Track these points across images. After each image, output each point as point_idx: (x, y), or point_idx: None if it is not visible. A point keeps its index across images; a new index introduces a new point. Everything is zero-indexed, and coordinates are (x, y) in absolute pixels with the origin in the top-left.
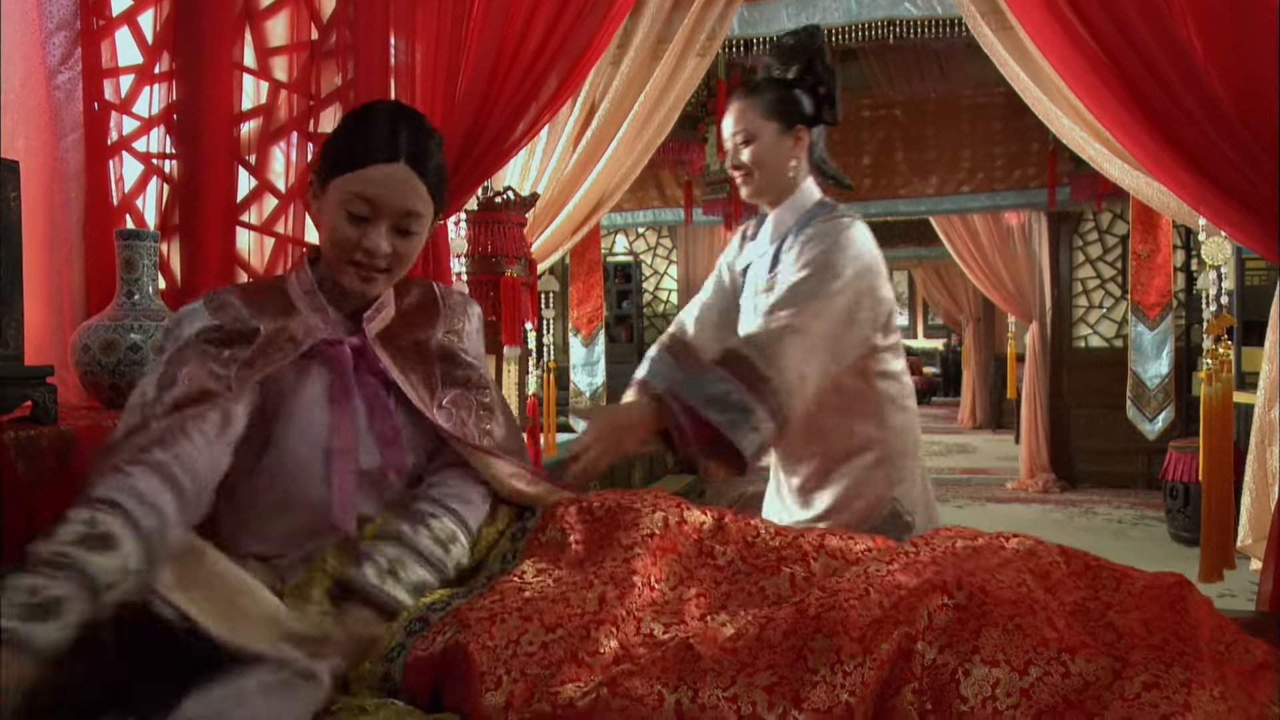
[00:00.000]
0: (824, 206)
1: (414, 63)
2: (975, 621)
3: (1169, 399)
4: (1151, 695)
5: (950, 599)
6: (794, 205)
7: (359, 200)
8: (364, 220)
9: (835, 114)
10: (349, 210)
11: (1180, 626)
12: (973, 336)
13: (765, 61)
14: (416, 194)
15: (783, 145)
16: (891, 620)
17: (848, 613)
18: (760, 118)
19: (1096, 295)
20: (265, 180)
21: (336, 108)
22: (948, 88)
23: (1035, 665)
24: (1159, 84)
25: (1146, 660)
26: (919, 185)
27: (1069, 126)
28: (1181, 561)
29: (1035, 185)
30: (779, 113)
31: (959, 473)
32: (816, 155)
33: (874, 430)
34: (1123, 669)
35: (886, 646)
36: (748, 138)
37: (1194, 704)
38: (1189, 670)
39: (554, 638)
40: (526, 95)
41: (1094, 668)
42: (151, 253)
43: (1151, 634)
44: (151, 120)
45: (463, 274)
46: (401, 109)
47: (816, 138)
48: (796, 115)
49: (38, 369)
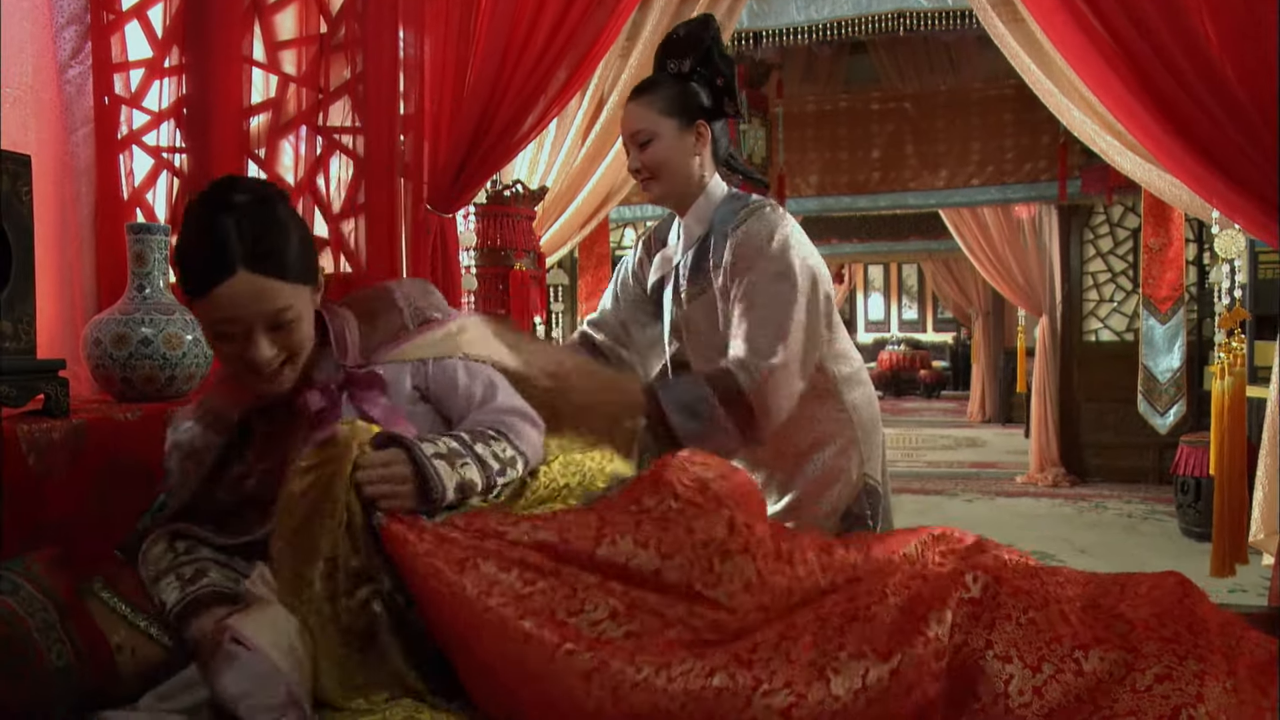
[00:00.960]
0: (737, 199)
1: (422, 56)
2: (989, 614)
3: (1180, 393)
4: (1164, 687)
5: (966, 592)
6: (702, 209)
7: (222, 323)
8: (235, 337)
9: (737, 105)
10: (219, 333)
11: (1191, 620)
12: (982, 330)
13: (659, 57)
14: (272, 292)
15: (684, 143)
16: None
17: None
18: (657, 115)
19: (1107, 289)
20: (274, 174)
21: (345, 101)
22: (958, 80)
23: (1048, 662)
24: (1171, 74)
25: (1160, 652)
26: (929, 178)
27: (1080, 119)
28: (1192, 556)
29: (1046, 178)
30: (676, 109)
31: (968, 466)
32: (723, 151)
33: (836, 412)
34: (1135, 660)
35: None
36: (646, 138)
37: (1207, 695)
38: (1202, 663)
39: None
40: (535, 88)
41: (1107, 664)
42: (162, 246)
43: (1164, 626)
44: (162, 114)
45: (471, 267)
46: (220, 201)
47: (720, 133)
48: (695, 110)
49: (50, 362)
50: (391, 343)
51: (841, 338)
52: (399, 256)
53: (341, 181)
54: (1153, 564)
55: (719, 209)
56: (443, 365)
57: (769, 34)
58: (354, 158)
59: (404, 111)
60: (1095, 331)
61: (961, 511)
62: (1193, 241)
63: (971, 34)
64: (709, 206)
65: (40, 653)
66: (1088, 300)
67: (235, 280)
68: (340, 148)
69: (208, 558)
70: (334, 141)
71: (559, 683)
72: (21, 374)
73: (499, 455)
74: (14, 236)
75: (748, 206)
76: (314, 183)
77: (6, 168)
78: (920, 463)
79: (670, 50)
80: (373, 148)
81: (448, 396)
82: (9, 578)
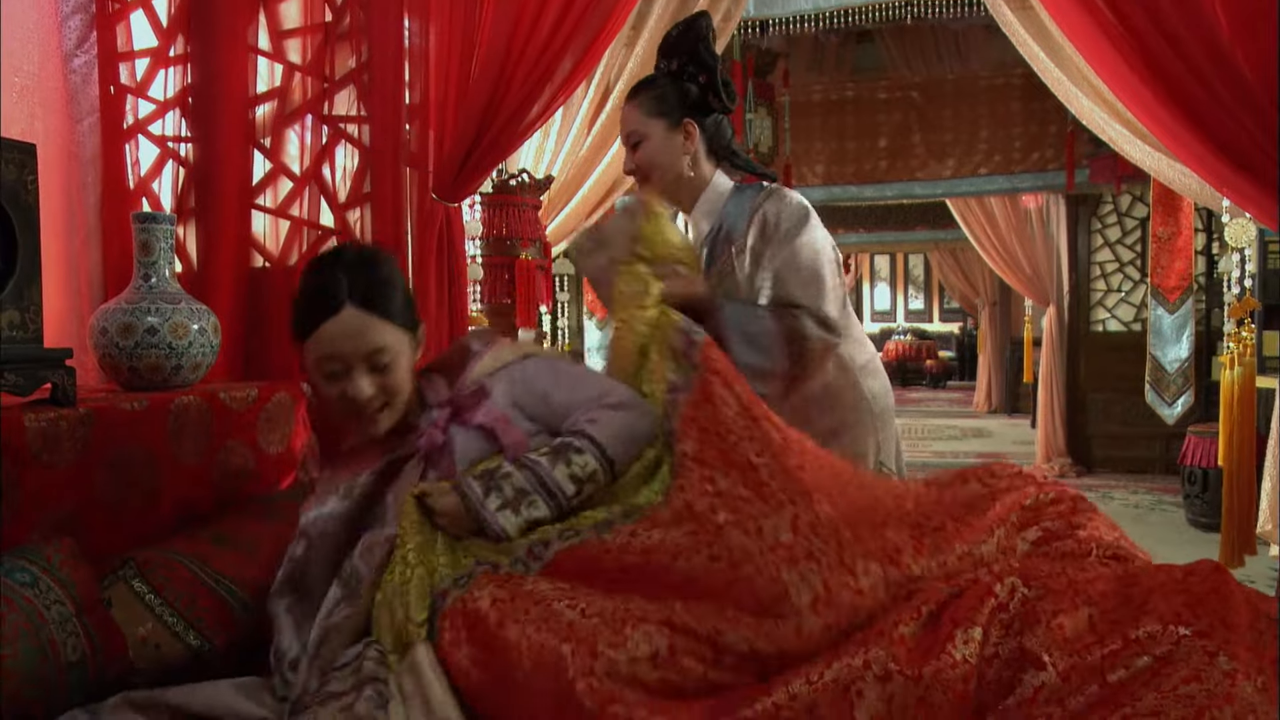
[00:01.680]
0: (748, 188)
1: (427, 45)
2: (1019, 622)
3: (1188, 383)
4: (1191, 688)
5: (995, 599)
6: (710, 203)
7: (326, 360)
8: (339, 376)
9: (725, 101)
10: (324, 371)
11: (1225, 612)
12: (988, 320)
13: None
14: (374, 331)
15: (672, 142)
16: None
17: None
18: (645, 117)
19: (1115, 279)
20: (280, 163)
21: (351, 90)
22: (965, 69)
23: (1076, 672)
24: (1182, 59)
25: (1189, 652)
26: (936, 168)
27: (1089, 107)
28: (1199, 547)
29: (1054, 168)
30: (664, 109)
31: (974, 457)
32: (722, 144)
33: (855, 399)
34: (1162, 666)
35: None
36: (637, 139)
37: (1237, 694)
38: (1235, 660)
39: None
40: (541, 77)
41: (1133, 671)
42: (168, 236)
43: (1198, 618)
44: (167, 103)
45: (477, 257)
46: (334, 255)
47: (714, 127)
48: (683, 108)
49: (57, 351)
50: (463, 369)
51: (855, 324)
52: (405, 246)
53: (347, 171)
54: (1160, 554)
55: (729, 202)
56: (525, 375)
57: (775, 22)
58: (359, 147)
59: (409, 100)
60: (1102, 321)
61: None
62: (1201, 231)
63: (979, 22)
64: (716, 200)
65: (55, 646)
66: (1095, 290)
67: (341, 316)
68: (346, 137)
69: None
70: (339, 130)
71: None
72: (29, 363)
73: (577, 474)
74: (20, 226)
75: (763, 190)
76: (319, 172)
77: (13, 157)
78: (926, 453)
79: (663, 49)
80: (378, 137)
81: (537, 407)
82: (28, 570)
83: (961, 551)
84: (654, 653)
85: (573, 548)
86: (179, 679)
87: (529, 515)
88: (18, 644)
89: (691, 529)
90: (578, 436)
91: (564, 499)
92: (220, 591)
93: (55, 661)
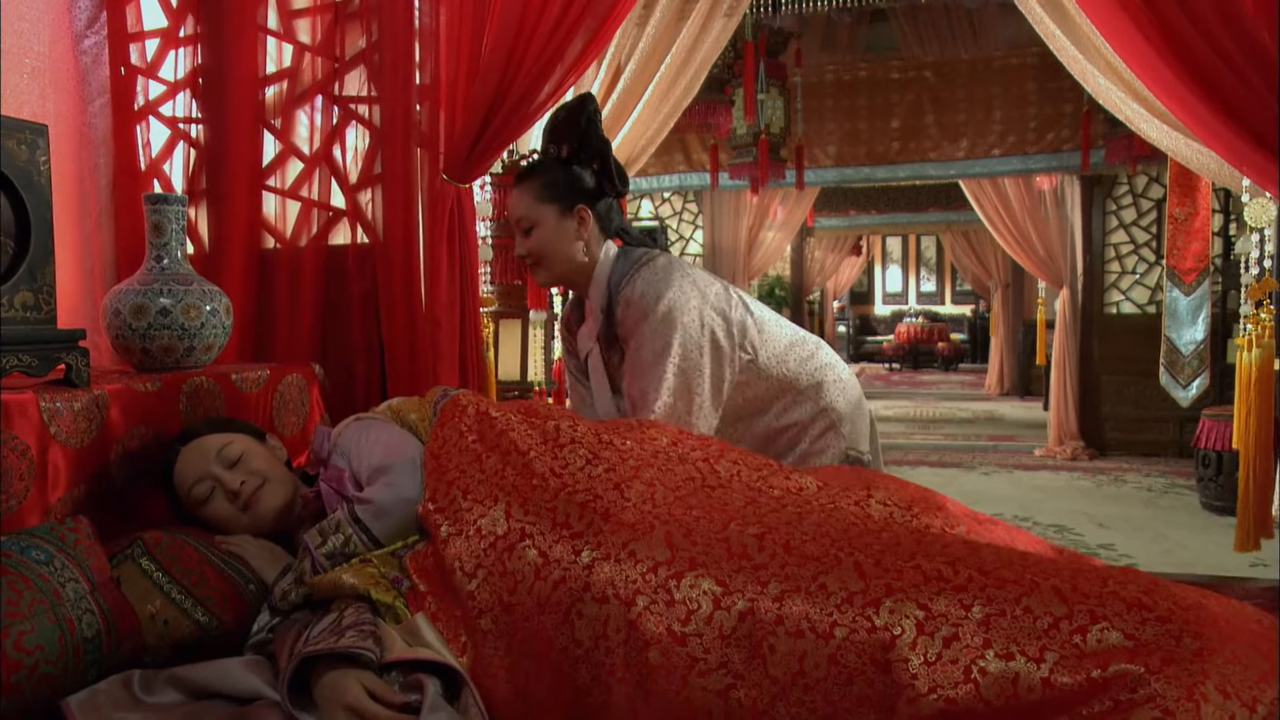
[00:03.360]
0: (626, 258)
1: (438, 24)
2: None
3: (1203, 366)
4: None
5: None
6: (600, 282)
7: (195, 483)
8: (207, 494)
9: (617, 185)
10: (194, 498)
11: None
12: (1001, 302)
13: (543, 139)
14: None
15: (565, 229)
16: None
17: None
18: (536, 203)
19: (1130, 260)
20: (290, 144)
21: (361, 70)
22: (979, 48)
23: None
24: (1203, 36)
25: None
26: (949, 149)
27: (1105, 86)
28: (1212, 530)
29: (1068, 148)
30: (555, 195)
31: (986, 439)
32: (615, 226)
33: (813, 412)
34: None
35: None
36: (529, 225)
37: None
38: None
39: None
40: (551, 57)
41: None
42: (179, 217)
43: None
44: (177, 84)
45: (488, 238)
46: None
47: (606, 210)
48: (575, 194)
49: (70, 332)
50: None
51: (781, 338)
52: (415, 227)
53: (358, 151)
54: (1173, 538)
55: (613, 273)
56: (342, 439)
57: (788, 1)
58: (370, 127)
59: (420, 81)
60: (1116, 304)
61: (979, 485)
62: (1219, 212)
63: (994, 0)
64: (605, 276)
65: (71, 623)
66: (1109, 272)
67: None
68: (356, 117)
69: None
70: (350, 111)
71: None
72: (42, 344)
73: (331, 553)
74: (33, 206)
75: (637, 262)
76: (330, 153)
77: (25, 138)
78: (938, 435)
79: (551, 134)
80: (388, 117)
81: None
82: (44, 548)
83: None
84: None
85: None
86: (187, 656)
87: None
88: (35, 620)
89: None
90: (349, 518)
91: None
92: (228, 570)
93: (71, 638)
